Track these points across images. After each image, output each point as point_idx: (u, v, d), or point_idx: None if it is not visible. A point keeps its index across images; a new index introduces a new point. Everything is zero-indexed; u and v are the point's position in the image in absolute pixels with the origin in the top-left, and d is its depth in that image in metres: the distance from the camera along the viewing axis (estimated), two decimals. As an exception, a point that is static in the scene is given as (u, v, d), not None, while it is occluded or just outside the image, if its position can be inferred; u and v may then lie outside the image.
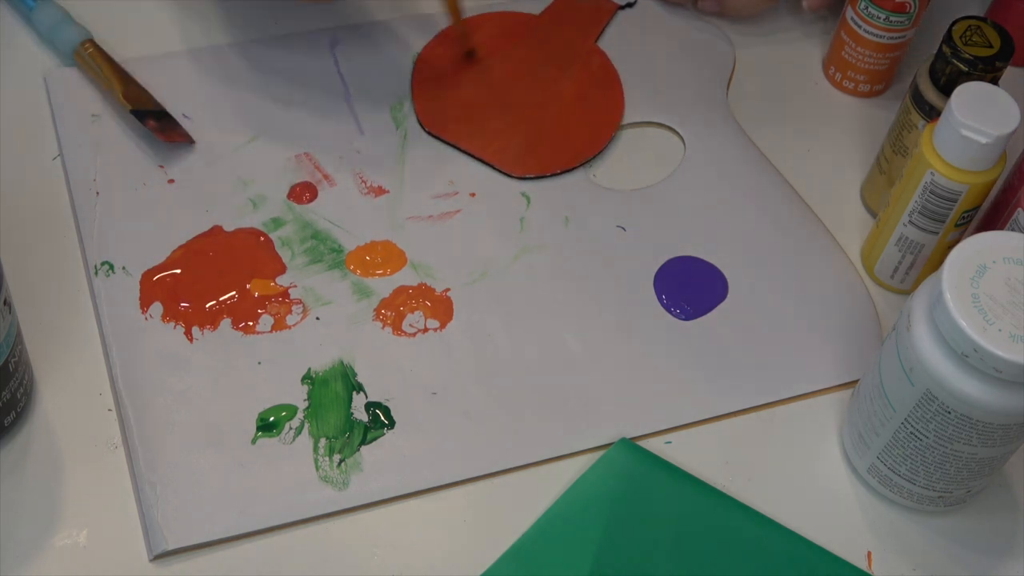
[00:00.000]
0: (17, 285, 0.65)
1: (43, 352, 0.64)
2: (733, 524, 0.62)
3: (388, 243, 0.71)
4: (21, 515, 0.60)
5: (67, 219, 0.70)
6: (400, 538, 0.61)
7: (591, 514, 0.61)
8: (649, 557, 0.60)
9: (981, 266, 0.56)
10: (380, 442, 0.63)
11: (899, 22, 0.76)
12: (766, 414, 0.66)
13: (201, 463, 0.62)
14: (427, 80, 0.78)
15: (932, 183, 0.65)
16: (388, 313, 0.68)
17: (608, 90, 0.79)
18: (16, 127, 0.73)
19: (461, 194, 0.73)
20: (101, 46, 0.76)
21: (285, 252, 0.70)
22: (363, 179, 0.73)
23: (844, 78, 0.81)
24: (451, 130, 0.76)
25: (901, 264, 0.70)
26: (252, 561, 0.59)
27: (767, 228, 0.73)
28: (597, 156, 0.76)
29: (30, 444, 0.62)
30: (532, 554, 0.60)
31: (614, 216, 0.73)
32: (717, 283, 0.71)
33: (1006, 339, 0.54)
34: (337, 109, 0.76)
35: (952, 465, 0.59)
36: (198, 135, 0.74)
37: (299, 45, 0.79)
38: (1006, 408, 0.55)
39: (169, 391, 0.64)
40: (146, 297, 0.67)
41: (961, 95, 0.63)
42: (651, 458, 0.64)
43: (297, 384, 0.65)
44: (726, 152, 0.77)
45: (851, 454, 0.64)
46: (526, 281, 0.70)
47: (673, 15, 0.84)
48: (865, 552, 0.62)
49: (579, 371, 0.67)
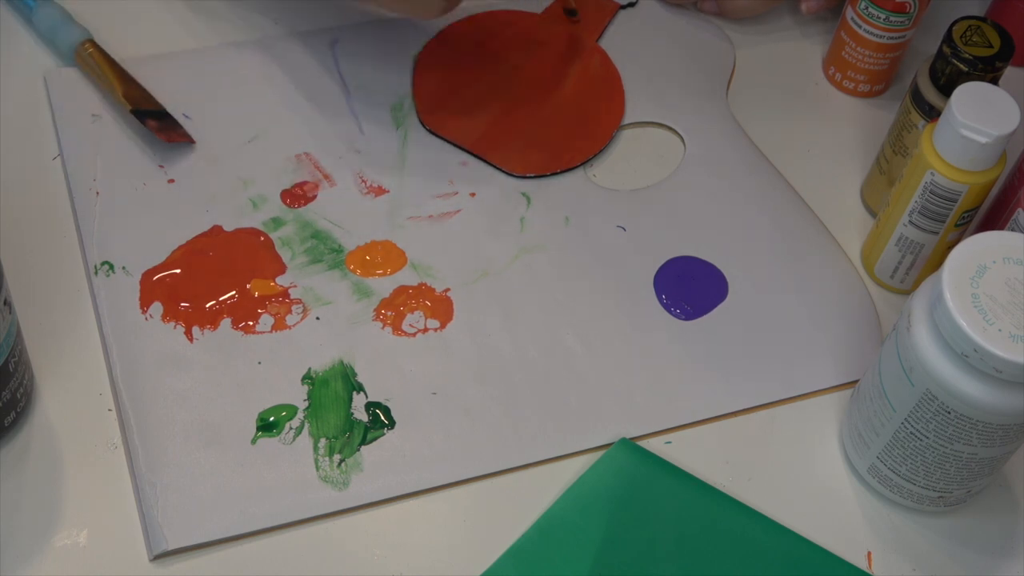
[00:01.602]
0: (17, 285, 0.65)
1: (43, 352, 0.64)
2: (733, 524, 0.62)
3: (388, 243, 0.71)
4: (21, 515, 0.59)
5: (67, 219, 0.70)
6: (400, 538, 0.61)
7: (591, 514, 0.61)
8: (649, 557, 0.60)
9: (981, 266, 0.56)
10: (380, 442, 0.63)
11: (899, 22, 0.76)
12: (766, 414, 0.66)
13: (201, 463, 0.62)
14: (428, 78, 0.78)
15: (932, 183, 0.65)
16: (388, 313, 0.68)
17: (609, 89, 0.79)
18: (16, 127, 0.73)
19: (461, 194, 0.73)
20: (101, 46, 0.76)
21: (285, 252, 0.70)
22: (363, 179, 0.73)
23: (844, 78, 0.80)
24: (452, 128, 0.76)
25: (901, 264, 0.70)
26: (252, 561, 0.59)
27: (767, 228, 0.73)
28: (597, 156, 0.76)
29: (30, 444, 0.62)
30: (532, 554, 0.60)
31: (614, 216, 0.73)
32: (717, 283, 0.71)
33: (1006, 339, 0.54)
34: (337, 109, 0.76)
35: (952, 465, 0.59)
36: (198, 135, 0.74)
37: (299, 45, 0.79)
38: (1006, 408, 0.55)
39: (169, 391, 0.64)
40: (146, 297, 0.67)
41: (961, 95, 0.63)
42: (651, 458, 0.64)
43: (297, 384, 0.65)
44: (726, 152, 0.77)
45: (851, 454, 0.64)
46: (526, 281, 0.70)
47: (674, 15, 0.84)
48: (865, 552, 0.62)
49: (579, 371, 0.67)
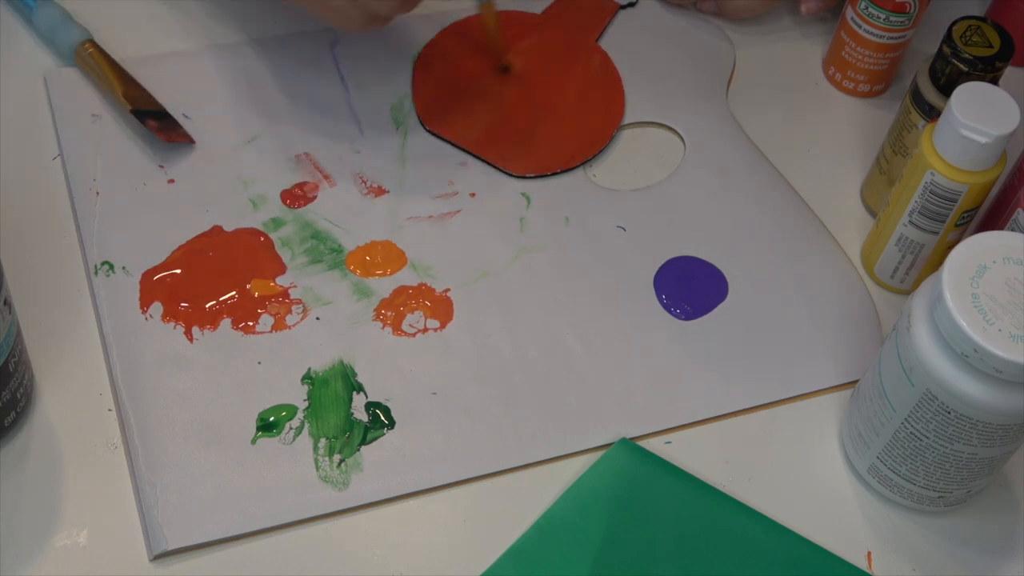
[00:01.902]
0: (17, 285, 0.65)
1: (43, 352, 0.64)
2: (733, 524, 0.62)
3: (388, 243, 0.71)
4: (21, 515, 0.59)
5: (67, 219, 0.70)
6: (400, 538, 0.61)
7: (591, 514, 0.61)
8: (649, 557, 0.60)
9: (981, 266, 0.56)
10: (380, 442, 0.63)
11: (899, 22, 0.76)
12: (766, 414, 0.66)
13: (201, 463, 0.62)
14: (428, 79, 0.78)
15: (932, 183, 0.65)
16: (388, 313, 0.68)
17: (610, 89, 0.79)
18: (16, 127, 0.73)
19: (461, 194, 0.73)
20: (101, 46, 0.76)
21: (285, 252, 0.70)
22: (363, 179, 0.73)
23: (844, 78, 0.80)
24: (452, 128, 0.76)
25: (901, 264, 0.70)
26: (252, 561, 0.59)
27: (767, 228, 0.73)
28: (597, 156, 0.76)
29: (30, 444, 0.62)
30: (532, 554, 0.60)
31: (614, 216, 0.73)
32: (717, 283, 0.71)
33: (1006, 339, 0.54)
34: (337, 109, 0.76)
35: (952, 465, 0.59)
36: (198, 135, 0.74)
37: (299, 45, 0.79)
38: (1006, 408, 0.55)
39: (169, 391, 0.64)
40: (146, 297, 0.67)
41: (961, 95, 0.63)
42: (651, 458, 0.64)
43: (297, 384, 0.65)
44: (726, 152, 0.77)
45: (851, 454, 0.64)
46: (526, 281, 0.70)
47: (674, 15, 0.84)
48: (865, 552, 0.62)
49: (579, 371, 0.67)
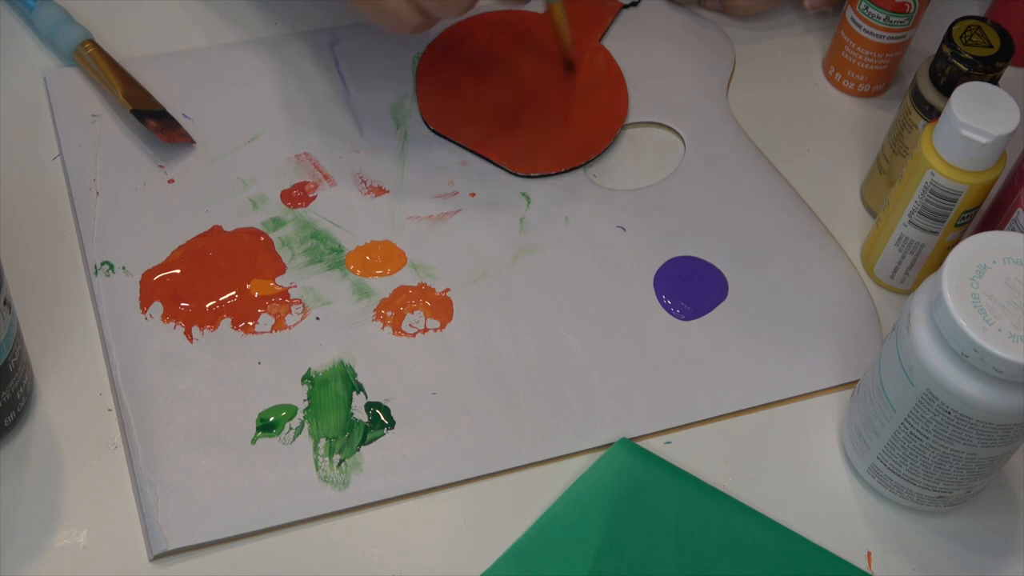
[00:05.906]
0: (17, 285, 0.65)
1: (43, 352, 0.64)
2: (733, 524, 0.62)
3: (388, 243, 0.71)
4: (21, 515, 0.60)
5: (67, 219, 0.70)
6: (400, 538, 0.61)
7: (591, 514, 0.61)
8: (649, 557, 0.60)
9: (981, 266, 0.56)
10: (380, 442, 0.63)
11: (899, 22, 0.76)
12: (766, 414, 0.66)
13: (201, 463, 0.62)
14: (431, 79, 0.78)
15: (932, 183, 0.65)
16: (388, 313, 0.68)
17: (613, 88, 0.79)
18: (16, 127, 0.73)
19: (461, 194, 0.73)
20: (101, 46, 0.76)
21: (285, 252, 0.70)
22: (363, 179, 0.73)
23: (844, 78, 0.80)
24: (455, 128, 0.76)
25: (901, 264, 0.70)
26: (252, 561, 0.59)
27: (767, 228, 0.73)
28: (597, 156, 0.76)
29: (30, 444, 0.62)
30: (532, 554, 0.60)
31: (614, 216, 0.73)
32: (717, 283, 0.71)
33: (1006, 339, 0.54)
34: (337, 109, 0.76)
35: (952, 465, 0.59)
36: (198, 135, 0.74)
37: (299, 45, 0.79)
38: (1006, 408, 0.55)
39: (169, 391, 0.64)
40: (146, 297, 0.67)
41: (961, 95, 0.63)
42: (651, 458, 0.64)
43: (297, 384, 0.65)
44: (726, 152, 0.77)
45: (851, 454, 0.64)
46: (526, 281, 0.70)
47: (676, 13, 0.84)
48: (865, 552, 0.62)
49: (579, 371, 0.67)
